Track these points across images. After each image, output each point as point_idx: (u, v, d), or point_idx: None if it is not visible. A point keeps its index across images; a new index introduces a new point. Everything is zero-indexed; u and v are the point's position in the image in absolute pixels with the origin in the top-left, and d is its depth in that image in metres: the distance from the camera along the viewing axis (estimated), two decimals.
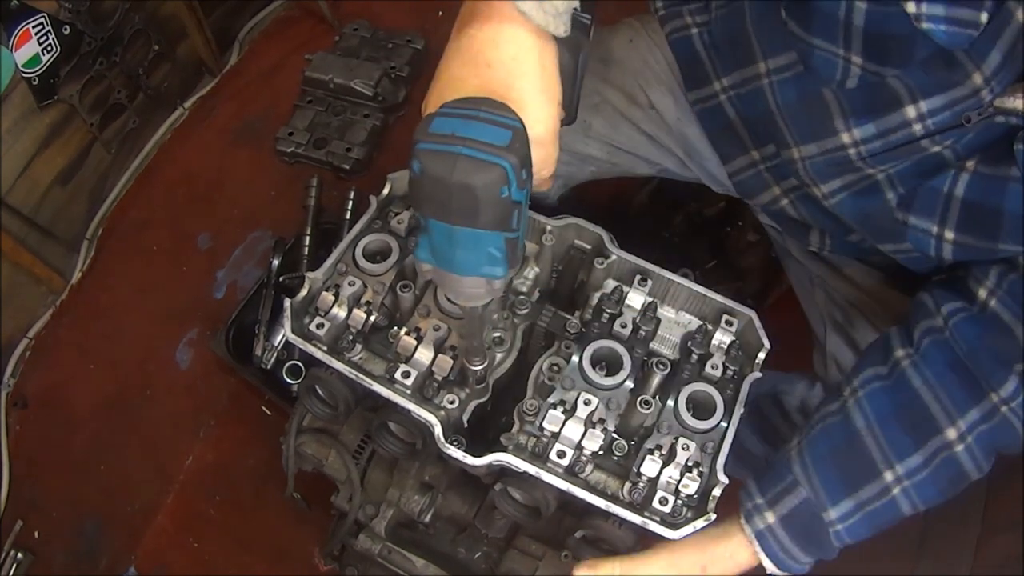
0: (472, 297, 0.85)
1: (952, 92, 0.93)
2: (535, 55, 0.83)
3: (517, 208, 0.77)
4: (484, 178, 0.72)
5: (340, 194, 1.93)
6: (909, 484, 0.99)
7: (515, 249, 0.81)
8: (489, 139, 0.73)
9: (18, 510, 1.79)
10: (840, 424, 1.03)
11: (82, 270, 2.05)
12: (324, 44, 2.35)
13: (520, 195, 0.76)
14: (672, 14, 1.31)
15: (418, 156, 0.74)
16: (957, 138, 0.98)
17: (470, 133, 0.73)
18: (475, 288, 0.83)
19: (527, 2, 0.79)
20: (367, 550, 1.36)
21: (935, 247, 1.05)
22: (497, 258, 0.79)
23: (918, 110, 0.96)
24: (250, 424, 1.87)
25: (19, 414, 1.89)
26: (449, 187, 0.73)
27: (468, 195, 0.73)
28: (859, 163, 1.06)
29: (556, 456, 1.01)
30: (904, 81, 0.95)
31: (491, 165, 0.72)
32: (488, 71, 0.82)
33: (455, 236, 0.77)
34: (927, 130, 0.97)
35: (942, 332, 1.01)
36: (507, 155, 0.73)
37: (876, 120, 1.00)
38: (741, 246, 2.03)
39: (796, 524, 1.00)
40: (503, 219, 0.76)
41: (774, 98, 1.12)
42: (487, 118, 0.75)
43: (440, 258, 0.80)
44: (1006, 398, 0.96)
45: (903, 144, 1.00)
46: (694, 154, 1.36)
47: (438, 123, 0.75)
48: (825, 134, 1.06)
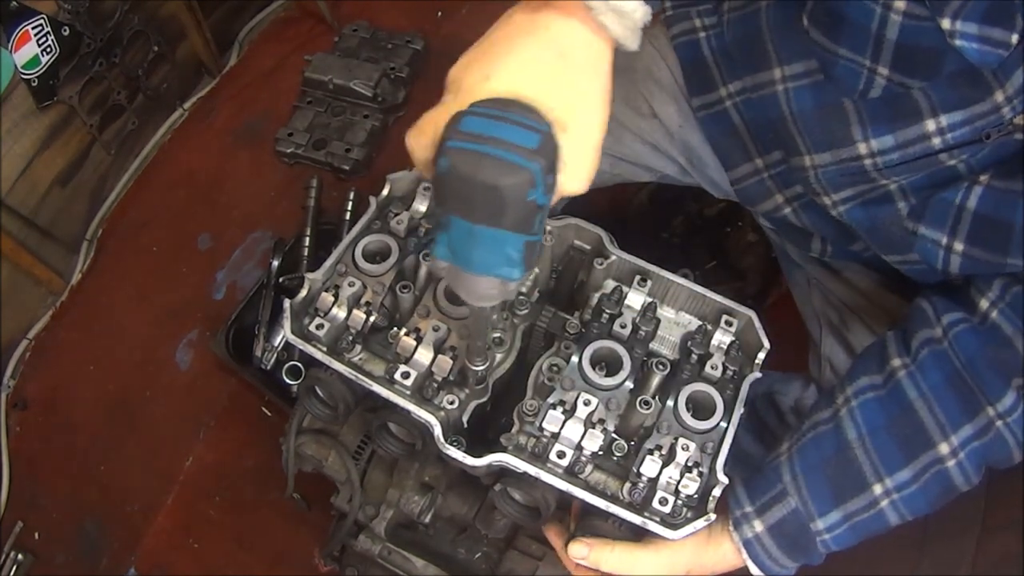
0: (485, 297, 0.85)
1: (973, 108, 0.93)
2: (607, 62, 0.81)
3: (541, 212, 0.77)
4: (513, 180, 0.72)
5: (340, 195, 1.93)
6: (898, 497, 0.99)
7: (533, 252, 0.81)
8: (519, 141, 0.73)
9: (18, 511, 1.79)
10: (832, 434, 1.02)
11: (82, 271, 2.05)
12: (324, 45, 2.35)
13: (545, 199, 0.76)
14: (679, 15, 1.30)
15: (447, 153, 0.74)
16: (973, 152, 0.98)
17: (500, 134, 0.73)
18: (489, 288, 0.83)
19: (609, 14, 0.78)
20: (367, 551, 1.36)
21: (943, 259, 1.04)
22: (515, 259, 0.79)
23: (938, 124, 0.96)
24: (250, 425, 1.87)
25: (19, 415, 1.89)
26: (476, 187, 0.73)
27: (495, 196, 0.73)
28: (874, 174, 1.05)
29: (556, 456, 1.01)
30: (927, 94, 0.95)
31: (520, 168, 0.72)
32: (562, 62, 0.79)
33: (476, 235, 0.76)
34: (946, 144, 0.97)
35: (941, 343, 1.00)
36: (536, 158, 0.73)
37: (895, 132, 1.00)
38: (741, 246, 2.03)
39: (784, 533, 1.00)
40: (526, 222, 0.76)
41: (788, 105, 1.11)
42: (517, 120, 0.74)
43: (458, 256, 0.80)
44: (1003, 412, 0.95)
45: (921, 157, 1.00)
46: (696, 161, 1.35)
47: (468, 122, 0.75)
48: (841, 143, 1.05)
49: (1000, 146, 0.95)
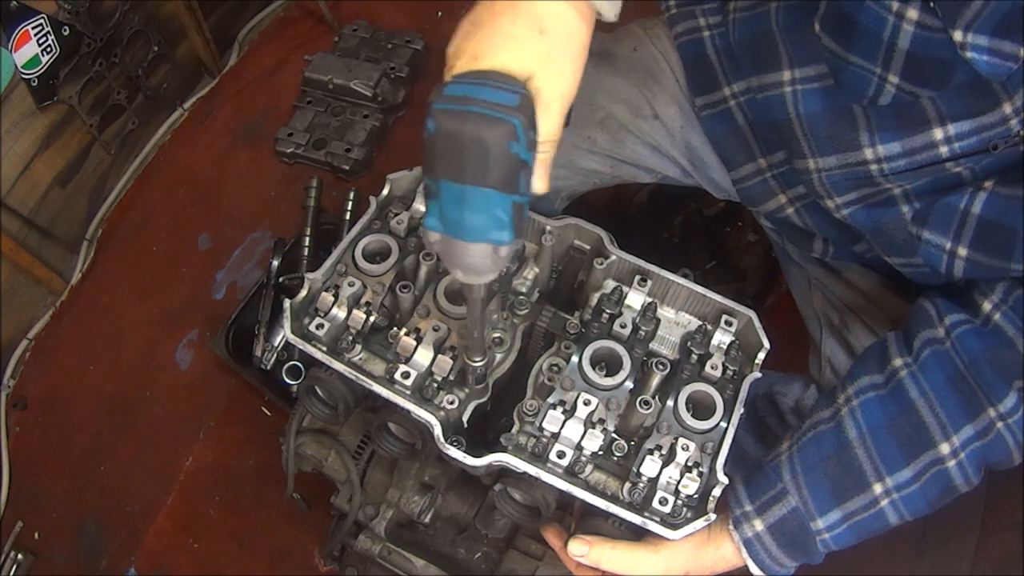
0: (478, 269, 0.85)
1: (981, 119, 0.94)
2: (584, 36, 0.85)
3: (524, 169, 0.81)
4: (495, 132, 0.76)
5: (340, 195, 1.93)
6: (898, 497, 0.99)
7: (521, 216, 0.84)
8: (499, 100, 0.77)
9: (18, 511, 1.79)
10: (832, 433, 1.02)
11: (82, 271, 2.05)
12: (324, 45, 2.36)
13: (527, 155, 0.80)
14: (683, 14, 1.30)
15: (433, 114, 0.78)
16: (978, 160, 0.98)
17: (482, 95, 0.77)
18: (482, 258, 0.83)
19: None
20: (367, 550, 1.36)
21: (946, 263, 1.05)
22: (504, 222, 0.81)
23: (945, 132, 0.96)
24: (250, 424, 1.87)
25: (19, 415, 1.89)
26: (462, 141, 0.77)
27: (480, 148, 0.77)
28: (879, 179, 1.05)
29: (556, 456, 1.01)
30: (936, 103, 0.95)
31: (501, 121, 0.76)
32: (540, 38, 0.83)
33: (466, 197, 0.80)
34: (953, 153, 0.98)
35: (943, 343, 1.00)
36: (516, 114, 0.77)
37: (902, 139, 1.00)
38: (741, 246, 2.03)
39: (784, 532, 1.00)
40: (511, 178, 0.79)
41: (796, 107, 1.11)
42: (496, 85, 0.79)
43: (449, 224, 0.83)
44: (1004, 413, 0.95)
45: (927, 165, 1.00)
46: (697, 162, 1.35)
47: (452, 88, 0.80)
48: (848, 148, 1.05)
49: (1005, 154, 0.96)
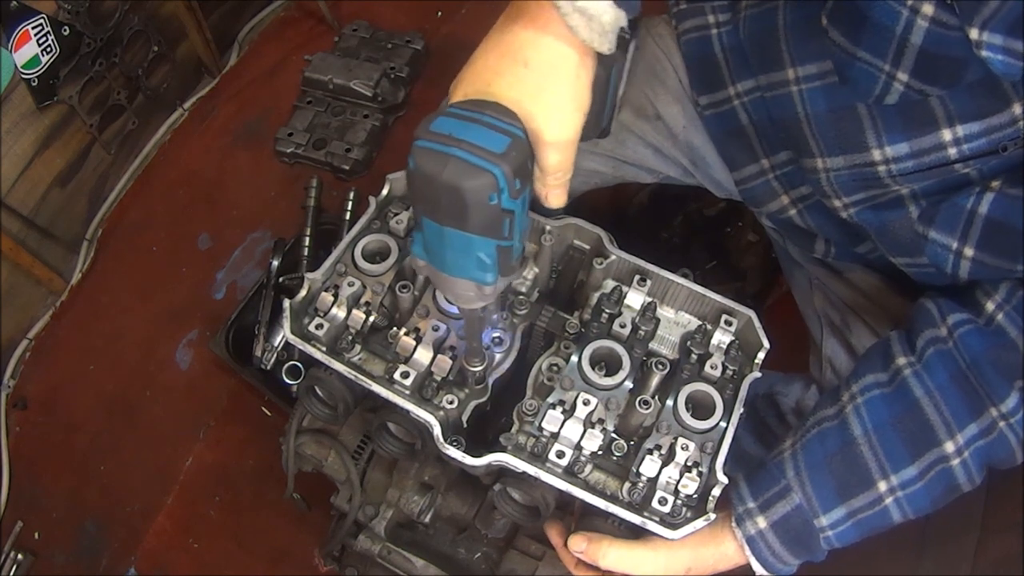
0: (464, 299, 0.85)
1: (990, 120, 0.93)
2: (573, 65, 0.83)
3: (509, 217, 0.77)
4: (473, 183, 0.72)
5: (340, 195, 1.93)
6: (902, 495, 0.98)
7: (508, 258, 0.80)
8: (485, 144, 0.73)
9: (18, 511, 1.79)
10: (837, 430, 1.02)
11: (82, 271, 2.05)
12: (324, 45, 2.36)
13: (512, 204, 0.76)
14: (693, 10, 1.28)
15: (414, 152, 0.75)
16: (985, 161, 0.97)
17: (467, 136, 0.74)
18: (466, 291, 0.83)
19: (575, 16, 0.79)
20: (367, 551, 1.36)
21: (952, 263, 1.04)
22: (487, 264, 0.79)
23: (954, 133, 0.95)
24: (250, 424, 1.87)
25: (19, 415, 1.89)
26: (438, 187, 0.73)
27: (456, 197, 0.73)
28: (887, 180, 1.04)
29: (555, 456, 1.01)
30: (944, 102, 0.94)
31: (481, 170, 0.72)
32: (523, 70, 0.82)
33: (445, 236, 0.77)
34: (961, 155, 0.97)
35: (946, 342, 1.00)
36: (500, 162, 0.73)
37: (910, 140, 0.99)
38: (741, 246, 2.03)
39: (787, 530, 1.00)
40: (493, 226, 0.76)
41: (803, 107, 1.10)
42: (488, 122, 0.75)
43: (432, 257, 0.81)
44: (1006, 413, 0.95)
45: (936, 167, 0.99)
46: (699, 162, 1.34)
47: (439, 123, 0.76)
48: (855, 148, 1.04)
49: (1013, 155, 0.95)
